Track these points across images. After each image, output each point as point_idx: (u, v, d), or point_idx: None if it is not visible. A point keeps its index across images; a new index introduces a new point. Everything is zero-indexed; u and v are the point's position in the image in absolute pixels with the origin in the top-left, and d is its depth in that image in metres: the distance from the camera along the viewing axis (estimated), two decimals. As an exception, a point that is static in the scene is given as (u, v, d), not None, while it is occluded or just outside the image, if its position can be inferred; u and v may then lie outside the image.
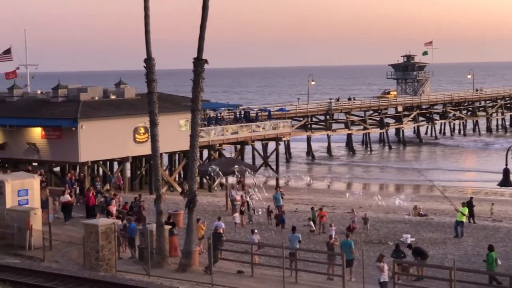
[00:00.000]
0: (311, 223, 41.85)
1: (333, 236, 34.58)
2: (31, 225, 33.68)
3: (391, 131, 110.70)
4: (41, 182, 40.62)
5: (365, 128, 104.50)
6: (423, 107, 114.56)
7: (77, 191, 46.46)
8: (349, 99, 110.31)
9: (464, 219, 41.03)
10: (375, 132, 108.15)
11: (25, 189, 36.48)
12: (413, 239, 38.16)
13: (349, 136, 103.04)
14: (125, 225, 34.29)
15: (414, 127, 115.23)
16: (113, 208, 39.94)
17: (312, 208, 43.24)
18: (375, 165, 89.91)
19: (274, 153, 74.15)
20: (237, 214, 43.16)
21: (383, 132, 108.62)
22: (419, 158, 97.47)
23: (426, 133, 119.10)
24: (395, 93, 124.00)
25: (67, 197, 41.14)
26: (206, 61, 31.94)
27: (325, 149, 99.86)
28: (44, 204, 38.73)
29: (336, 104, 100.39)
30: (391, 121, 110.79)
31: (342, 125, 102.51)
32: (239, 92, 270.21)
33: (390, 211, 49.97)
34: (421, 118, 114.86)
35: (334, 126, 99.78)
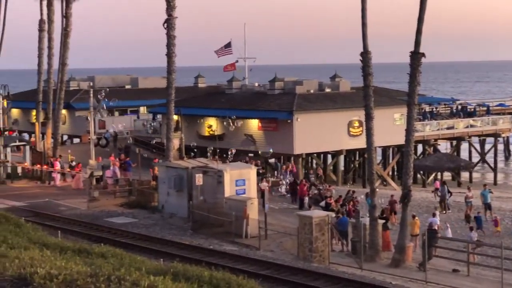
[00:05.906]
0: None
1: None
2: (248, 214, 34.70)
3: None
4: (258, 172, 42.01)
5: None
6: None
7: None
8: None
9: None
10: None
11: (243, 179, 37.78)
12: None
13: None
14: (337, 218, 34.42)
15: None
16: (331, 201, 40.23)
17: None
18: None
19: (492, 150, 71.56)
20: (450, 211, 41.96)
21: None
22: None
23: None
24: None
25: (264, 185, 42.98)
26: (423, 55, 31.38)
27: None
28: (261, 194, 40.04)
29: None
30: None
31: None
32: (456, 86, 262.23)
33: None
34: None
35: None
